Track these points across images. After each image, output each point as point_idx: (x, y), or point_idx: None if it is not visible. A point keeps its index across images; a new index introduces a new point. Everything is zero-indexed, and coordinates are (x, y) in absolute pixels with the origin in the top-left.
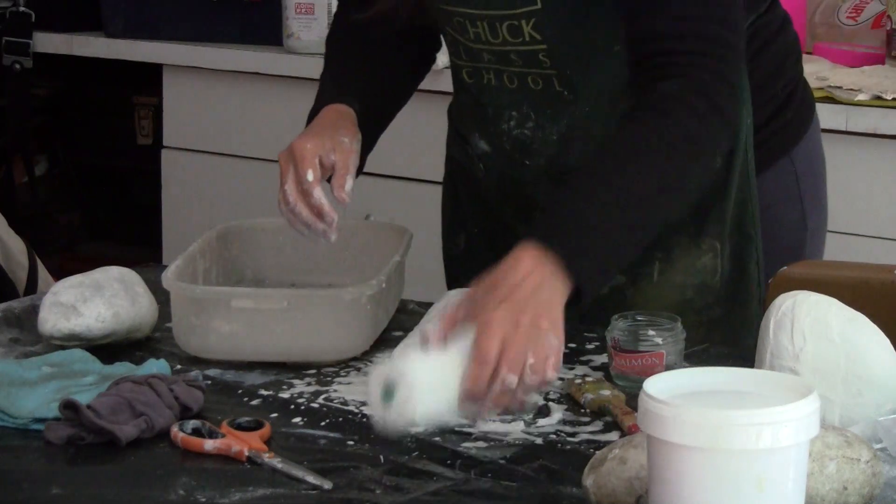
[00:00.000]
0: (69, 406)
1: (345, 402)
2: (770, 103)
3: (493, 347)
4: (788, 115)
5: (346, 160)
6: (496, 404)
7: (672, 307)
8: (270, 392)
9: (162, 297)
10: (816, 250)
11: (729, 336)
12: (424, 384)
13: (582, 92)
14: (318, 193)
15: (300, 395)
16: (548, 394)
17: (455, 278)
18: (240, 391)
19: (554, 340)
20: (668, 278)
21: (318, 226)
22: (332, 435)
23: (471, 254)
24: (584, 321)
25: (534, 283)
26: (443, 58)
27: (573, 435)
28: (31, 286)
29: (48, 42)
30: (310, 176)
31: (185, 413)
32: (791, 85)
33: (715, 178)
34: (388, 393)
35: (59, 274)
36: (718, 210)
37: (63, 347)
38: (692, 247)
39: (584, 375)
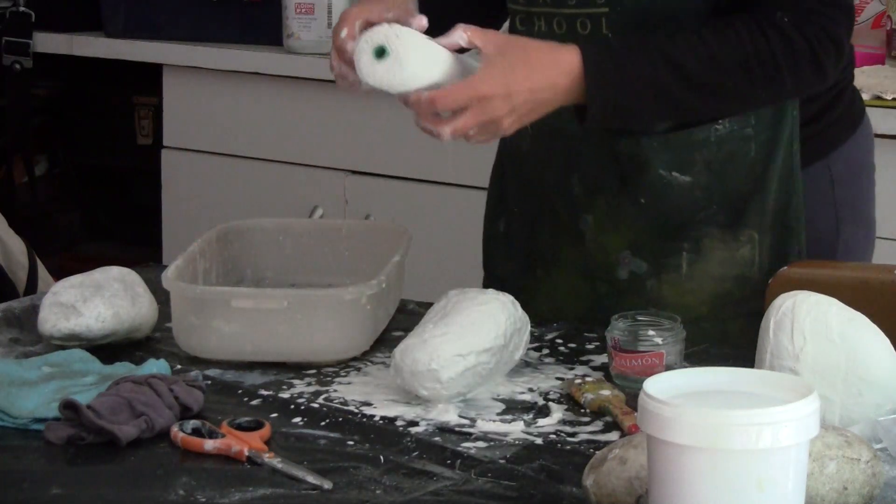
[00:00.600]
0: (69, 406)
1: (345, 402)
2: (812, 104)
3: (464, 117)
4: (830, 119)
5: (406, 11)
6: (425, 123)
7: (710, 300)
8: (270, 392)
9: (162, 297)
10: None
11: None
12: (416, 55)
13: (628, 33)
14: (351, 46)
15: (300, 395)
16: (548, 394)
17: (492, 261)
18: (240, 391)
19: (496, 138)
20: (702, 270)
21: (349, 76)
22: (332, 435)
23: (509, 236)
24: (606, 312)
25: (546, 94)
26: None
27: (573, 435)
28: (31, 286)
29: (48, 42)
30: (343, 34)
31: (185, 413)
32: (836, 90)
33: (753, 168)
34: (382, 50)
35: (59, 274)
36: (758, 201)
37: (63, 347)
38: (729, 238)
39: (584, 375)
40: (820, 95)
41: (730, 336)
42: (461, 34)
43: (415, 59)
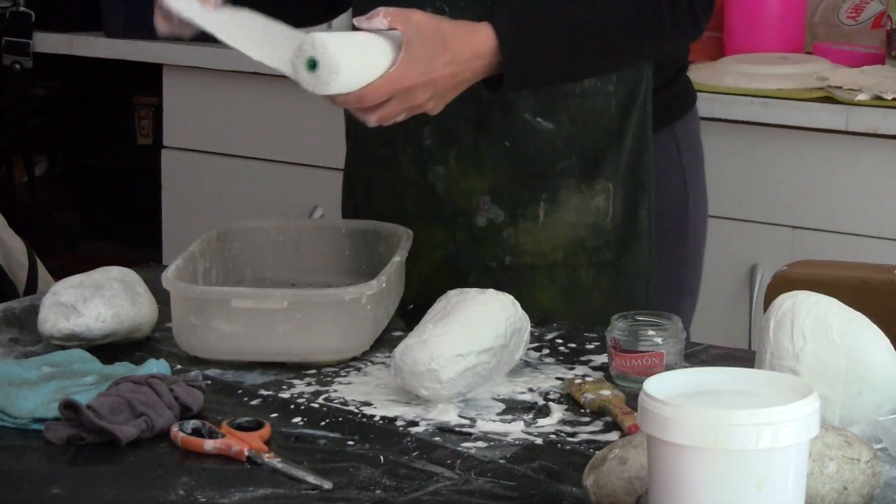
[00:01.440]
0: (69, 406)
1: (345, 402)
2: (657, 74)
3: (386, 106)
4: (674, 91)
5: None
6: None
7: (564, 246)
8: (270, 392)
9: (162, 297)
10: (701, 229)
11: (620, 281)
12: (345, 62)
13: None
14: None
15: (300, 395)
16: (548, 394)
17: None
18: (240, 391)
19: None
20: (559, 218)
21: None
22: (332, 435)
23: (357, 208)
24: (464, 260)
25: (466, 74)
26: None
27: (573, 435)
28: (31, 286)
29: (48, 42)
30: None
31: (185, 413)
32: (679, 65)
33: (611, 123)
34: (313, 63)
35: (59, 274)
36: (613, 155)
37: (63, 347)
38: (585, 188)
39: (584, 375)
40: (666, 67)
41: (581, 285)
42: (381, 20)
43: (345, 65)
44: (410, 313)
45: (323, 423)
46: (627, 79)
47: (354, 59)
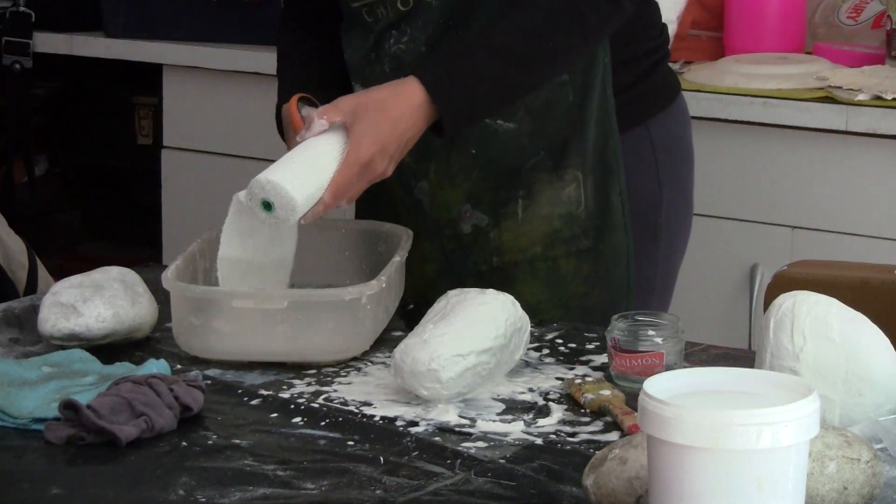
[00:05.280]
0: (69, 406)
1: (345, 402)
2: (627, 69)
3: (352, 188)
4: (645, 87)
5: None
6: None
7: (541, 239)
8: (270, 392)
9: (162, 297)
10: (677, 230)
11: (599, 267)
12: (297, 190)
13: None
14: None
15: (300, 395)
16: (548, 394)
17: None
18: (240, 391)
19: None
20: (534, 213)
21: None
22: (332, 435)
23: None
24: (456, 265)
25: (411, 131)
26: None
27: (573, 435)
28: (31, 286)
29: (48, 42)
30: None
31: (185, 413)
32: (651, 60)
33: (571, 112)
34: (268, 205)
35: (59, 274)
36: (578, 142)
37: (63, 347)
38: (554, 178)
39: (584, 375)
40: (634, 57)
41: (562, 275)
42: (320, 122)
43: (300, 194)
44: (410, 313)
45: (323, 423)
46: (580, 66)
47: (304, 175)
